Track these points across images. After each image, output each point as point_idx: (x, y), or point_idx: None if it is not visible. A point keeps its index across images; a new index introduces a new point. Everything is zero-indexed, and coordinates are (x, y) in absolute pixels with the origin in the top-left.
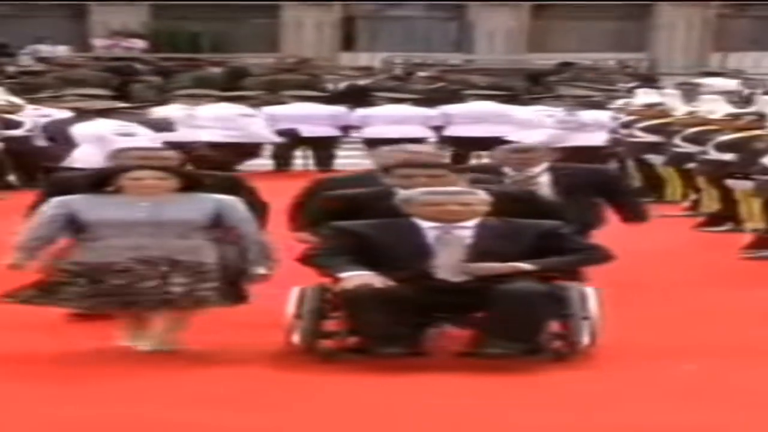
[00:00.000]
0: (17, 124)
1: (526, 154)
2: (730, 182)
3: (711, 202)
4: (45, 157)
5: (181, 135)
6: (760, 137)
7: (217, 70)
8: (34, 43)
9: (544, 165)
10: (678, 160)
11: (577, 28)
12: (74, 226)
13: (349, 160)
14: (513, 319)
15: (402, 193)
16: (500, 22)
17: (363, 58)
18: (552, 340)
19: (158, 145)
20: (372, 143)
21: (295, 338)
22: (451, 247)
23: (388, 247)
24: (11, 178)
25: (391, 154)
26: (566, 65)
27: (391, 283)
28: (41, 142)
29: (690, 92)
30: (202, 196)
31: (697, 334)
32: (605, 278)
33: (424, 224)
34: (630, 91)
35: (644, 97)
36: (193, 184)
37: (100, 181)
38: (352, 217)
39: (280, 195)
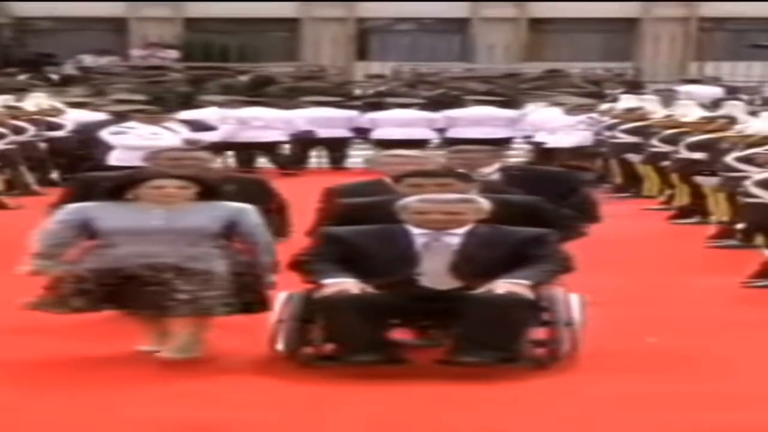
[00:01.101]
0: (59, 126)
1: (472, 155)
2: (698, 178)
3: (683, 197)
4: (89, 156)
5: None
6: (726, 138)
7: (244, 78)
8: (81, 53)
9: (495, 166)
10: (654, 159)
11: (569, 41)
12: (88, 231)
13: (360, 159)
14: (489, 327)
15: (400, 201)
16: (500, 35)
17: (374, 67)
18: (532, 347)
19: (190, 146)
20: (381, 144)
21: (279, 344)
22: (437, 255)
23: (375, 253)
24: (54, 175)
25: (391, 159)
26: (552, 72)
27: (369, 290)
28: (83, 143)
29: (667, 98)
30: (217, 204)
31: (665, 313)
32: (587, 263)
33: (415, 231)
34: (615, 99)
35: (626, 102)
36: (211, 191)
37: (119, 189)
38: (356, 225)
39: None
